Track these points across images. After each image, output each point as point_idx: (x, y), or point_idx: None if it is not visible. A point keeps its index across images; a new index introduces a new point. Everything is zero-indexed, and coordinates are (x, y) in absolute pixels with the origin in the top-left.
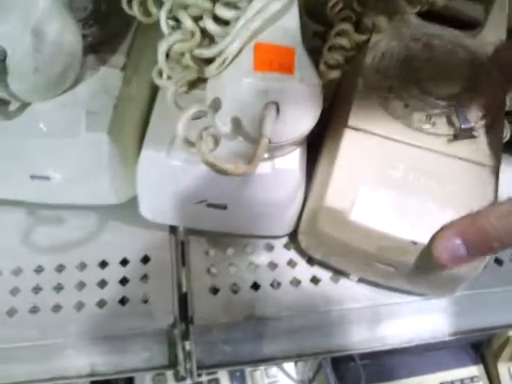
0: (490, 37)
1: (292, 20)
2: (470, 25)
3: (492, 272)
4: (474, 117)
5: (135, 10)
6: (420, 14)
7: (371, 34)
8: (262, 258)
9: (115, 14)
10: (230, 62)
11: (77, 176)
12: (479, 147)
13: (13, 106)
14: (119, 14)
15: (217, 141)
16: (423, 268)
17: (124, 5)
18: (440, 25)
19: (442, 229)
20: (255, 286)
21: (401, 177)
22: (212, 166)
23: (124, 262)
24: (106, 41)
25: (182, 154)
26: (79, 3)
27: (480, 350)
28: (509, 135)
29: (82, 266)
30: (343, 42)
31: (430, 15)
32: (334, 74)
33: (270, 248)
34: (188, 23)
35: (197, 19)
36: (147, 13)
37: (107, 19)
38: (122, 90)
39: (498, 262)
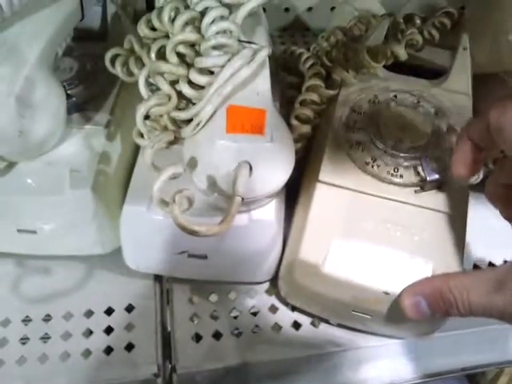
0: (455, 84)
1: (263, 83)
2: (438, 72)
3: None
4: (440, 168)
5: (118, 70)
6: (389, 66)
7: (340, 88)
8: (245, 305)
9: (100, 74)
10: (205, 124)
11: (63, 229)
12: (446, 197)
13: (0, 165)
14: (104, 73)
15: (191, 201)
16: (396, 316)
17: (107, 64)
18: (408, 75)
19: (413, 284)
20: (237, 333)
21: (372, 228)
22: (183, 228)
23: (109, 311)
24: (90, 99)
25: None
26: (65, 64)
27: (475, 380)
28: (481, 177)
29: (69, 316)
30: (314, 97)
31: (399, 66)
32: (305, 129)
33: (252, 294)
34: (165, 87)
35: (173, 83)
36: (130, 73)
37: (92, 78)
38: (105, 147)
39: None
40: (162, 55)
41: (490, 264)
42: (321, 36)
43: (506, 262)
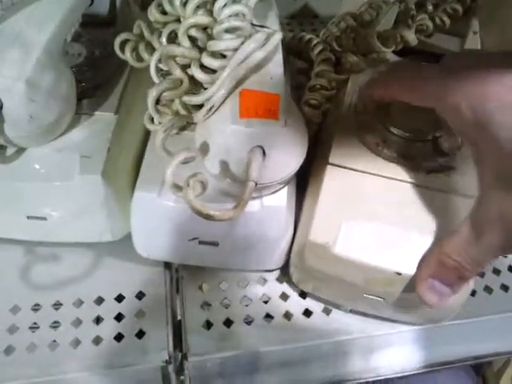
0: None
1: (276, 67)
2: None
3: (482, 300)
4: (450, 149)
5: (128, 56)
6: (397, 52)
7: (350, 73)
8: (255, 292)
9: (108, 59)
10: (217, 109)
11: (72, 216)
12: (457, 178)
13: (9, 151)
14: (112, 58)
15: (204, 185)
16: (409, 298)
17: (117, 50)
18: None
19: (418, 271)
20: (248, 320)
21: (382, 209)
22: (198, 212)
23: (119, 298)
24: (99, 85)
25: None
26: (73, 49)
27: (481, 371)
28: None
29: (79, 303)
30: (323, 82)
31: (407, 51)
32: (315, 114)
33: (263, 282)
34: (177, 72)
35: (185, 67)
36: (139, 58)
37: (101, 64)
38: (115, 132)
39: (488, 290)
40: (172, 40)
41: None
42: (331, 22)
43: None
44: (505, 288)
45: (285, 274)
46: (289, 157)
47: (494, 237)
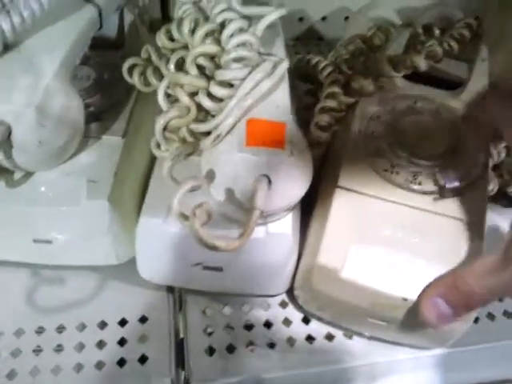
0: (473, 95)
1: (283, 96)
2: (455, 83)
3: (484, 327)
4: (458, 175)
5: (135, 80)
6: (406, 76)
7: (359, 96)
8: (259, 317)
9: (117, 83)
10: (224, 137)
11: (78, 239)
12: (464, 204)
13: (17, 175)
14: (121, 82)
15: (210, 215)
16: (413, 323)
17: (125, 74)
18: (426, 85)
19: (426, 288)
20: (251, 346)
21: (390, 234)
22: (204, 243)
23: (123, 323)
24: (107, 109)
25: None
26: (82, 72)
27: None
28: (496, 188)
29: (82, 327)
30: (333, 104)
31: (416, 76)
32: (324, 136)
33: (267, 306)
34: (184, 99)
35: (193, 94)
36: (147, 83)
37: (109, 87)
38: (122, 157)
39: (491, 316)
40: (180, 66)
41: None
42: (339, 43)
43: None
44: (508, 315)
45: (289, 298)
46: (294, 185)
47: None
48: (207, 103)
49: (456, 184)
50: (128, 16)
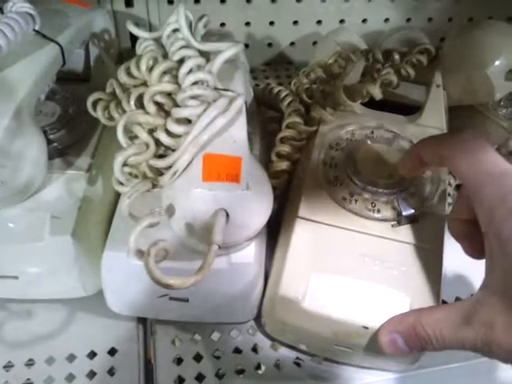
0: (430, 120)
1: (239, 130)
2: (414, 107)
3: None
4: (416, 202)
5: (99, 115)
6: (365, 102)
7: (319, 124)
8: (228, 345)
9: (83, 117)
10: (182, 173)
11: (44, 274)
12: (422, 231)
13: None
14: (86, 116)
15: (166, 251)
16: (376, 349)
17: (89, 109)
18: (385, 111)
19: (387, 323)
20: (220, 375)
21: (350, 263)
22: (158, 283)
23: (92, 355)
24: (72, 144)
25: None
26: (47, 108)
27: None
28: None
29: (51, 360)
30: (293, 133)
31: (375, 102)
32: (285, 165)
33: (236, 334)
34: (143, 136)
35: (152, 131)
36: (111, 117)
37: (74, 122)
38: (86, 191)
39: None
40: (142, 101)
41: None
42: (301, 71)
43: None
44: None
45: (258, 325)
46: (252, 218)
47: (475, 336)
48: (165, 139)
49: (413, 211)
50: (93, 50)
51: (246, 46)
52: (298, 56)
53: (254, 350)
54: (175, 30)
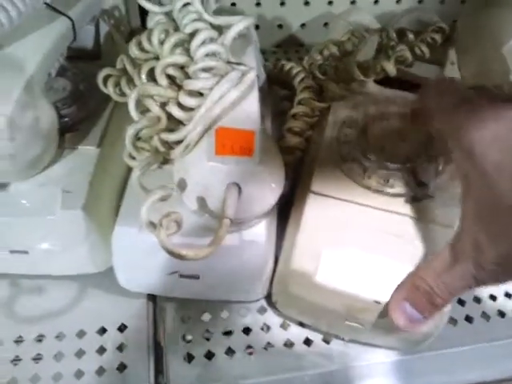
0: None
1: (251, 104)
2: None
3: (463, 330)
4: (430, 177)
5: (110, 91)
6: (379, 81)
7: (332, 101)
8: (237, 324)
9: (93, 93)
10: (194, 146)
11: (55, 249)
12: (436, 207)
13: None
14: (97, 93)
15: (179, 224)
16: (386, 325)
17: (100, 85)
18: (397, 89)
19: (393, 294)
20: (230, 352)
21: (363, 238)
22: (170, 253)
23: (101, 331)
24: (83, 119)
25: None
26: (58, 84)
27: None
28: None
29: (61, 336)
30: (305, 109)
31: (389, 80)
32: (297, 141)
33: (245, 312)
34: (155, 109)
35: (164, 104)
36: (122, 93)
37: (85, 99)
38: (97, 166)
39: (468, 319)
40: (153, 76)
41: None
42: (314, 49)
43: None
44: (486, 317)
45: (267, 304)
46: (264, 193)
47: (467, 266)
48: (177, 113)
49: (427, 186)
50: (103, 27)
51: (257, 27)
52: (308, 38)
53: (264, 328)
54: (186, 4)
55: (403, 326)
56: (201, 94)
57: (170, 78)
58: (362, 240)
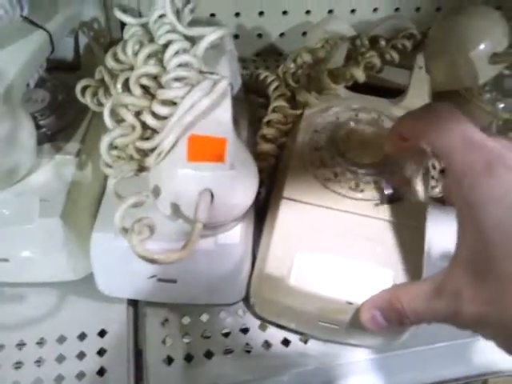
0: (413, 102)
1: (224, 112)
2: (398, 91)
3: (438, 327)
4: (398, 182)
5: (88, 101)
6: (350, 86)
7: (304, 108)
8: (216, 326)
9: (72, 104)
10: (167, 154)
11: (34, 257)
12: (405, 209)
13: None
14: (76, 103)
15: (152, 229)
16: (359, 326)
17: (78, 95)
18: (368, 94)
19: (368, 300)
20: (209, 355)
21: (334, 241)
22: (142, 257)
23: (82, 337)
24: (61, 129)
25: None
26: (37, 95)
27: None
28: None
29: (42, 342)
30: (279, 117)
31: (359, 86)
32: (270, 147)
33: (225, 315)
34: (129, 118)
35: (138, 113)
36: (100, 103)
37: (64, 109)
38: (75, 175)
39: None
40: (128, 86)
41: None
42: (289, 57)
43: None
44: None
45: (246, 306)
46: (236, 198)
47: (444, 307)
48: (151, 121)
49: (395, 190)
50: (83, 39)
51: (236, 36)
52: (287, 47)
53: (243, 330)
54: (161, 16)
55: (371, 329)
56: (174, 103)
57: (144, 87)
58: (334, 243)
